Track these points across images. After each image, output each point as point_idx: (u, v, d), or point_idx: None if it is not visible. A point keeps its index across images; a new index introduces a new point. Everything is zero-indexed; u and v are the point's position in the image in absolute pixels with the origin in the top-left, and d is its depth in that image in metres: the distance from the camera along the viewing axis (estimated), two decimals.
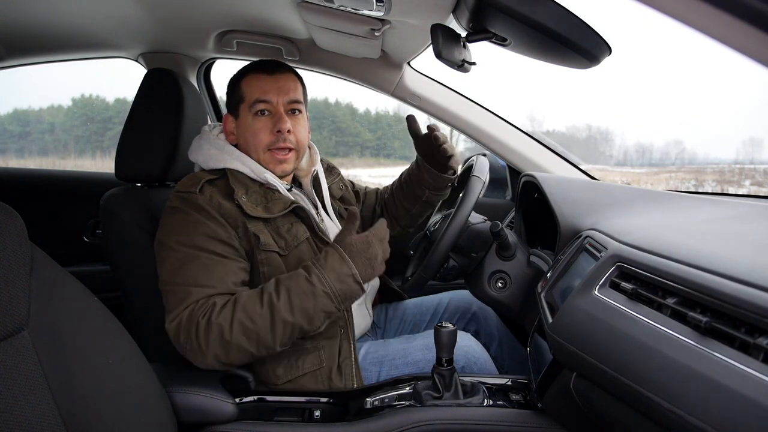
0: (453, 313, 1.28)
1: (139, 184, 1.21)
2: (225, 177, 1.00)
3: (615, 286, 0.64)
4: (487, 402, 0.88)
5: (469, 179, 1.06)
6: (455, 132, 1.59)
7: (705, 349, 0.47)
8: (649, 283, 0.59)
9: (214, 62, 1.74)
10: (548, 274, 0.89)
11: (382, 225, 0.96)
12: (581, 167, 1.57)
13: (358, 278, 0.88)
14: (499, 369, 1.12)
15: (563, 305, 0.71)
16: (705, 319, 0.47)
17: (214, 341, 0.83)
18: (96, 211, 1.13)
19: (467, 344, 1.07)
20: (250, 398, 0.92)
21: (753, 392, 0.41)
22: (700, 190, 1.71)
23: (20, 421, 0.52)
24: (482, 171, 1.08)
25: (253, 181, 1.02)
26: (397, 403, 0.88)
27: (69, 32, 1.40)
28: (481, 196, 1.04)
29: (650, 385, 0.50)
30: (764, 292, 0.44)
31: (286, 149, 1.04)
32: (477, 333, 1.24)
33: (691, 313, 0.49)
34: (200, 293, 0.87)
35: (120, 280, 1.14)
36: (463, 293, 1.31)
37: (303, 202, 1.10)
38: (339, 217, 1.20)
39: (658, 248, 0.61)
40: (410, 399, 0.89)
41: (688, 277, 0.52)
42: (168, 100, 1.18)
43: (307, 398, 0.93)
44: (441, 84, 1.55)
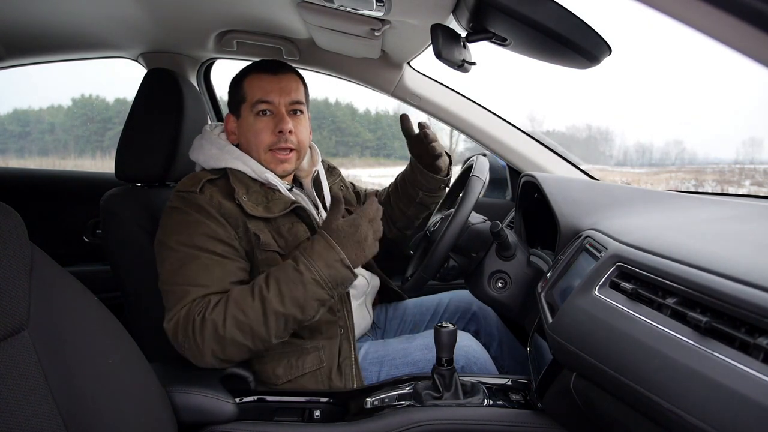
0: (453, 313, 1.28)
1: (139, 184, 1.21)
2: (226, 177, 1.01)
3: (615, 286, 0.64)
4: (487, 402, 0.88)
5: (469, 179, 1.06)
6: (455, 132, 1.59)
7: (705, 349, 0.47)
8: (649, 283, 0.59)
9: (214, 62, 1.74)
10: (548, 274, 0.89)
11: (370, 204, 0.94)
12: (581, 167, 1.57)
13: (347, 262, 0.87)
14: (499, 369, 1.12)
15: (563, 305, 0.71)
16: (705, 319, 0.47)
17: (209, 337, 0.84)
18: (96, 211, 1.14)
19: (467, 344, 1.07)
20: (250, 398, 0.92)
21: (753, 392, 0.41)
22: (700, 190, 1.71)
23: (20, 421, 0.52)
24: (482, 171, 1.08)
25: (254, 180, 1.02)
26: (397, 403, 0.88)
27: (69, 32, 1.40)
28: (481, 196, 1.04)
29: (650, 385, 0.50)
30: (764, 292, 0.44)
31: (288, 149, 1.04)
32: (477, 333, 1.24)
33: (691, 313, 0.49)
34: (198, 292, 0.87)
35: (120, 280, 1.14)
36: (463, 293, 1.31)
37: (304, 202, 1.10)
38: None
39: (658, 248, 0.61)
40: (410, 399, 0.89)
41: (688, 277, 0.52)
42: (168, 100, 1.18)
43: (307, 398, 0.93)
44: (441, 84, 1.55)
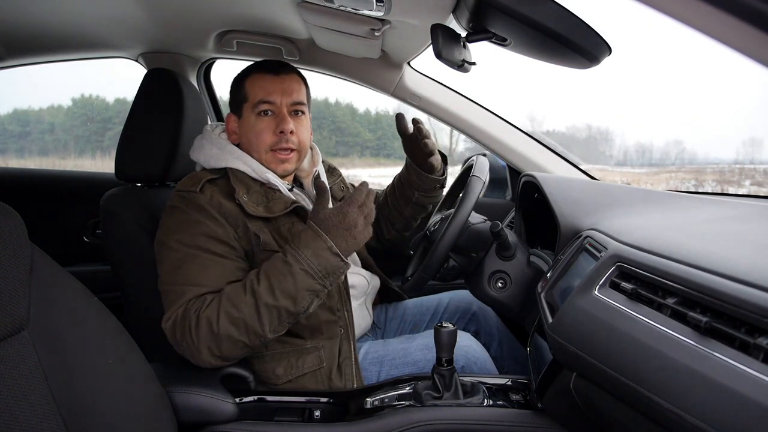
0: (453, 313, 1.28)
1: (139, 184, 1.21)
2: (226, 176, 1.01)
3: (615, 286, 0.64)
4: (487, 402, 0.88)
5: (469, 179, 1.06)
6: (455, 132, 1.59)
7: (705, 349, 0.47)
8: (649, 283, 0.59)
9: (214, 62, 1.74)
10: (548, 274, 0.89)
11: (360, 189, 0.92)
12: (581, 167, 1.57)
13: (335, 250, 0.87)
14: (499, 369, 1.12)
15: (563, 305, 0.71)
16: (705, 319, 0.47)
17: (205, 335, 0.84)
18: (96, 211, 1.14)
19: (467, 344, 1.07)
20: (250, 398, 0.92)
21: (753, 392, 0.41)
22: (700, 190, 1.71)
23: (20, 421, 0.52)
24: (482, 171, 1.08)
25: (255, 180, 1.02)
26: (397, 403, 0.88)
27: (69, 32, 1.40)
28: (481, 196, 1.04)
29: (650, 385, 0.50)
30: (764, 292, 0.44)
31: (289, 150, 1.04)
32: (477, 333, 1.24)
33: (691, 313, 0.49)
34: (195, 292, 0.88)
35: (120, 280, 1.14)
36: (463, 293, 1.31)
37: (304, 202, 1.10)
38: None
39: (658, 248, 0.61)
40: (410, 399, 0.89)
41: (688, 277, 0.52)
42: (168, 100, 1.18)
43: (307, 398, 0.93)
44: (441, 84, 1.55)
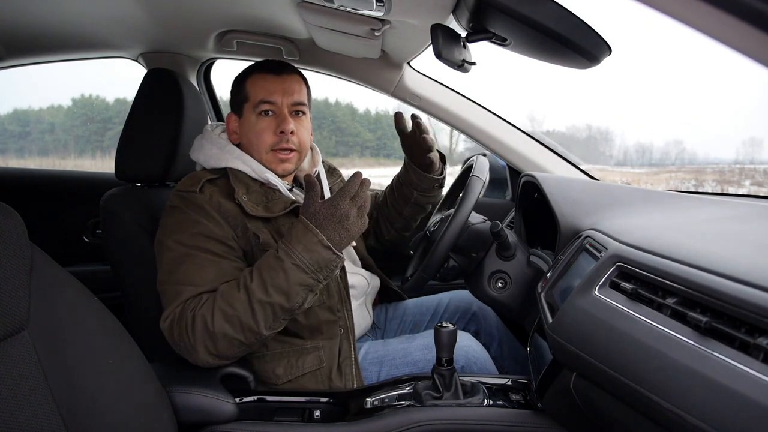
0: (453, 313, 1.28)
1: (139, 184, 1.21)
2: (226, 176, 1.01)
3: (615, 286, 0.64)
4: (487, 402, 0.88)
5: (469, 179, 1.06)
6: (455, 132, 1.59)
7: (705, 349, 0.47)
8: (649, 283, 0.59)
9: (214, 62, 1.74)
10: (548, 274, 0.89)
11: (352, 180, 0.90)
12: (581, 167, 1.57)
13: (326, 243, 0.85)
14: (499, 369, 1.12)
15: (563, 305, 0.71)
16: (705, 319, 0.47)
17: (200, 333, 0.84)
18: (96, 211, 1.14)
19: (467, 344, 1.07)
20: (250, 398, 0.92)
21: (753, 392, 0.41)
22: (700, 190, 1.71)
23: (20, 421, 0.52)
24: (482, 171, 1.08)
25: (254, 180, 1.02)
26: (397, 403, 0.88)
27: (69, 32, 1.40)
28: (481, 196, 1.04)
29: (650, 385, 0.50)
30: (764, 292, 0.44)
31: (289, 150, 1.04)
32: (477, 333, 1.24)
33: (691, 313, 0.49)
34: (193, 291, 0.88)
35: (120, 280, 1.14)
36: (463, 293, 1.31)
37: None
38: None
39: (658, 248, 0.61)
40: (410, 399, 0.89)
41: (688, 277, 0.52)
42: (168, 100, 1.18)
43: (307, 398, 0.93)
44: (441, 84, 1.55)
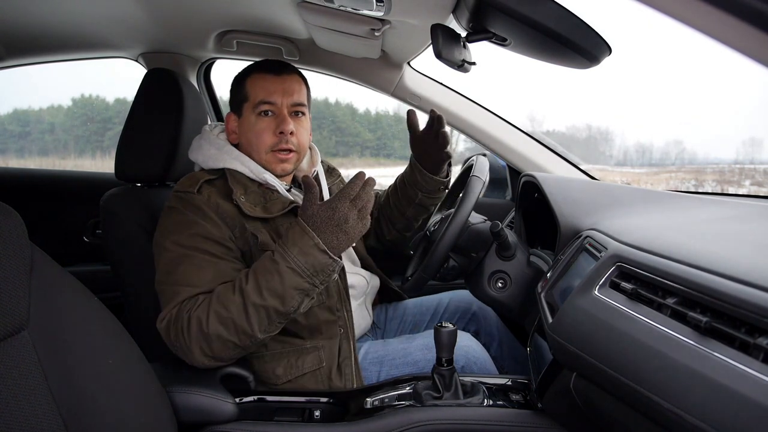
0: (453, 313, 1.28)
1: (139, 184, 1.21)
2: (224, 177, 1.00)
3: (615, 286, 0.64)
4: (487, 402, 0.88)
5: (469, 179, 1.06)
6: (455, 132, 1.59)
7: (705, 349, 0.47)
8: (649, 283, 0.59)
9: (214, 62, 1.74)
10: (548, 274, 0.89)
11: (353, 181, 0.88)
12: (581, 167, 1.57)
13: (322, 247, 0.84)
14: (499, 369, 1.12)
15: (563, 305, 0.71)
16: (705, 319, 0.47)
17: (195, 335, 0.84)
18: (96, 211, 1.14)
19: (467, 344, 1.07)
20: (250, 398, 0.92)
21: (753, 392, 0.41)
22: (700, 190, 1.71)
23: (20, 421, 0.52)
24: (482, 171, 1.08)
25: (252, 181, 1.02)
26: (397, 403, 0.88)
27: (69, 32, 1.40)
28: (481, 196, 1.04)
29: (650, 385, 0.50)
30: (764, 292, 0.44)
31: (288, 150, 1.04)
32: (477, 333, 1.24)
33: (691, 313, 0.49)
34: (189, 292, 0.87)
35: (120, 280, 1.14)
36: (463, 293, 1.31)
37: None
38: None
39: (658, 248, 0.61)
40: (410, 399, 0.88)
41: (688, 277, 0.52)
42: (168, 100, 1.18)
43: (307, 398, 0.93)
44: (441, 84, 1.55)
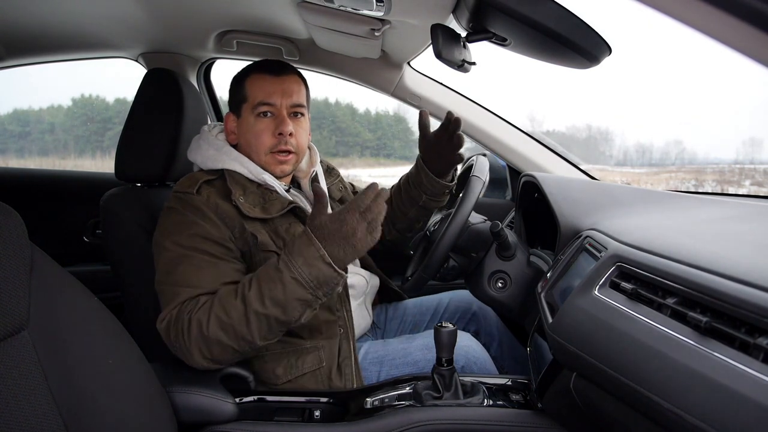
0: (453, 313, 1.28)
1: (139, 184, 1.21)
2: (223, 177, 1.00)
3: (615, 286, 0.64)
4: (487, 402, 0.88)
5: (469, 179, 1.06)
6: None
7: (705, 349, 0.47)
8: (649, 283, 0.59)
9: (214, 62, 1.74)
10: (548, 274, 0.89)
11: (365, 192, 0.84)
12: (581, 167, 1.57)
13: (327, 259, 0.81)
14: (499, 369, 1.12)
15: (563, 305, 0.71)
16: (705, 319, 0.47)
17: (195, 337, 0.83)
18: (96, 211, 1.14)
19: (467, 344, 1.07)
20: (250, 398, 0.92)
21: (753, 392, 0.41)
22: (700, 190, 1.71)
23: (20, 420, 0.52)
24: (482, 171, 1.08)
25: (251, 181, 1.02)
26: (397, 403, 0.88)
27: (69, 32, 1.40)
28: (481, 196, 1.04)
29: (650, 385, 0.50)
30: (764, 292, 0.44)
31: (287, 152, 1.04)
32: (477, 333, 1.24)
33: (691, 313, 0.49)
34: (190, 293, 0.87)
35: (120, 280, 1.14)
36: (463, 293, 1.31)
37: (301, 202, 1.10)
38: None
39: (658, 248, 0.61)
40: (410, 399, 0.89)
41: (688, 277, 0.52)
42: (168, 100, 1.18)
43: (307, 398, 0.93)
44: (441, 84, 1.55)
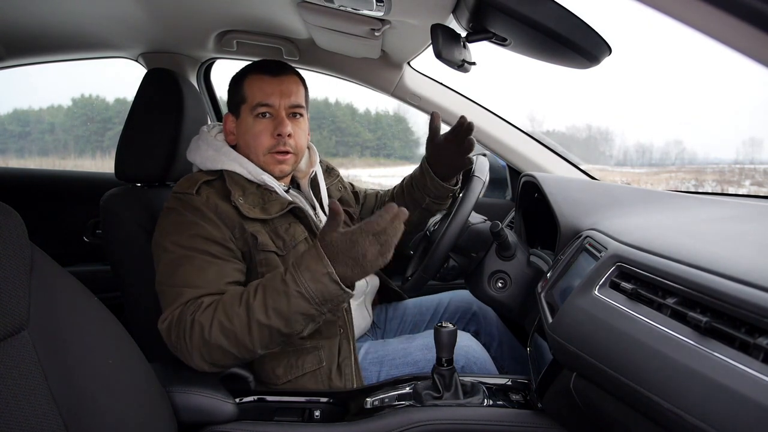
0: (453, 313, 1.28)
1: (139, 184, 1.21)
2: (222, 178, 1.00)
3: (615, 286, 0.64)
4: (487, 402, 0.88)
5: (469, 179, 1.06)
6: None
7: (705, 349, 0.47)
8: (649, 283, 0.59)
9: (214, 62, 1.74)
10: (548, 274, 0.89)
11: (381, 215, 0.81)
12: (581, 167, 1.57)
13: (335, 277, 0.79)
14: (499, 369, 1.12)
15: (563, 305, 0.71)
16: (705, 319, 0.47)
17: (197, 340, 0.83)
18: (96, 211, 1.13)
19: (467, 344, 1.07)
20: (250, 398, 0.92)
21: (753, 392, 0.41)
22: (700, 190, 1.71)
23: (20, 420, 0.52)
24: (482, 171, 1.08)
25: (251, 182, 1.02)
26: (397, 403, 0.88)
27: (69, 32, 1.40)
28: (481, 196, 1.04)
29: (650, 385, 0.50)
30: (764, 292, 0.44)
31: (285, 152, 1.04)
32: (477, 333, 1.24)
33: (691, 313, 0.49)
34: (192, 294, 0.87)
35: (120, 279, 1.14)
36: (463, 293, 1.31)
37: (301, 203, 1.10)
38: None
39: (658, 248, 0.61)
40: (410, 399, 0.89)
41: (688, 277, 0.52)
42: (168, 100, 1.18)
43: (307, 398, 0.93)
44: (441, 84, 1.55)
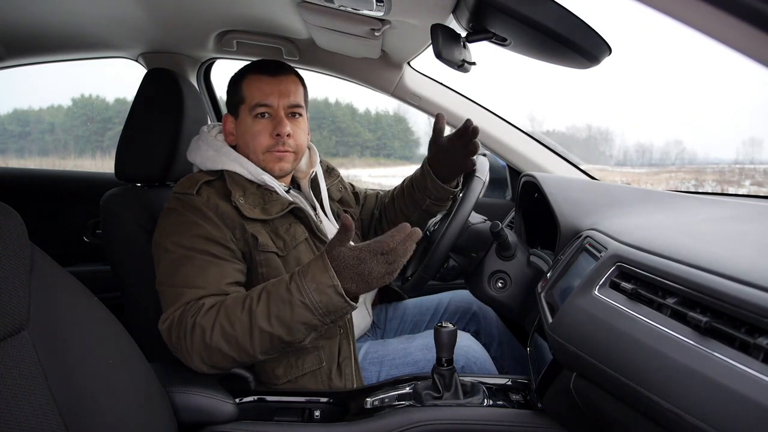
0: (453, 313, 1.28)
1: (139, 184, 1.21)
2: (223, 178, 1.00)
3: (615, 286, 0.64)
4: (487, 402, 0.88)
5: (469, 179, 1.06)
6: None
7: (705, 349, 0.47)
8: (649, 283, 0.59)
9: (214, 62, 1.74)
10: (548, 274, 0.89)
11: (391, 234, 0.82)
12: (581, 167, 1.57)
13: (340, 290, 0.80)
14: (499, 369, 1.12)
15: (563, 305, 0.71)
16: (705, 319, 0.47)
17: (198, 342, 0.83)
18: (96, 211, 1.14)
19: (467, 344, 1.07)
20: (250, 398, 0.92)
21: (753, 392, 0.41)
22: (700, 190, 1.71)
23: (20, 420, 0.52)
24: (482, 171, 1.08)
25: (251, 182, 1.02)
26: (397, 403, 0.88)
27: (69, 32, 1.40)
28: (481, 196, 1.04)
29: (650, 385, 0.50)
30: (764, 292, 0.44)
31: (285, 151, 1.04)
32: (477, 333, 1.24)
33: (691, 313, 0.49)
34: (193, 294, 0.87)
35: (120, 280, 1.14)
36: (463, 293, 1.31)
37: (301, 203, 1.10)
38: (337, 218, 1.19)
39: (658, 248, 0.61)
40: (410, 399, 0.89)
41: (688, 277, 0.52)
42: (168, 100, 1.18)
43: (307, 398, 0.93)
44: (441, 84, 1.55)
